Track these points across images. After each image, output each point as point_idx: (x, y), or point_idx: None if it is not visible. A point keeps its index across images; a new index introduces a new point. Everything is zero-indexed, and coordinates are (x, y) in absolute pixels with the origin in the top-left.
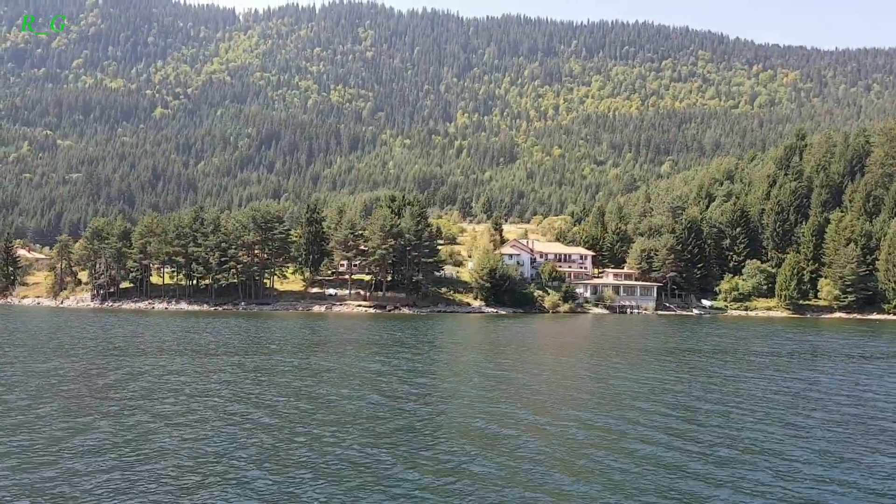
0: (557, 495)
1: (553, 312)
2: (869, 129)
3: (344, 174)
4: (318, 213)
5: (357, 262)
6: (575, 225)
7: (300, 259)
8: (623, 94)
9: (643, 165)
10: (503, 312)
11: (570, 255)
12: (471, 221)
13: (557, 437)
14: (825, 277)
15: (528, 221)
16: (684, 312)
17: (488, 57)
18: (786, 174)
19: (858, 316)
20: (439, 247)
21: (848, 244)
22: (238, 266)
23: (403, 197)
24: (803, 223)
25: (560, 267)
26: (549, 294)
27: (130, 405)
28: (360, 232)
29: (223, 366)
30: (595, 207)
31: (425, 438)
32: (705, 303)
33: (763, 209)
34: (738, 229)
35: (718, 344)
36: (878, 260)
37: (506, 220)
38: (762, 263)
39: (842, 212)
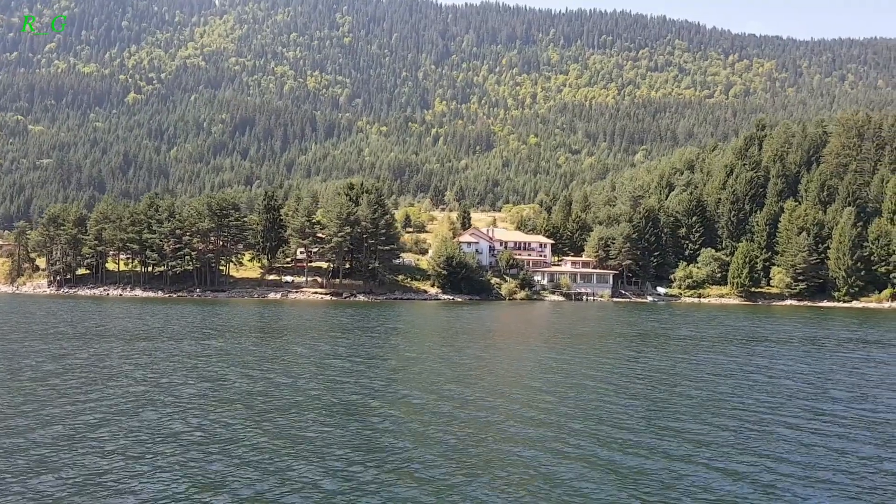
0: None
1: (510, 300)
2: (827, 119)
3: (319, 161)
4: (275, 200)
5: (315, 250)
6: (543, 213)
7: (257, 246)
8: (600, 83)
9: (617, 154)
10: (459, 300)
11: (529, 244)
12: (443, 209)
13: (470, 420)
14: (777, 265)
15: (500, 210)
16: (639, 299)
17: (467, 44)
18: (743, 164)
19: (809, 303)
20: (407, 234)
21: (800, 233)
22: (193, 253)
23: (362, 184)
24: (758, 212)
25: (519, 255)
26: (506, 282)
27: (45, 392)
28: (317, 219)
29: (132, 352)
30: (562, 196)
31: (345, 420)
32: (660, 290)
33: (720, 198)
34: (694, 218)
35: (645, 328)
36: (829, 249)
37: (478, 209)
38: (717, 252)
39: (797, 201)
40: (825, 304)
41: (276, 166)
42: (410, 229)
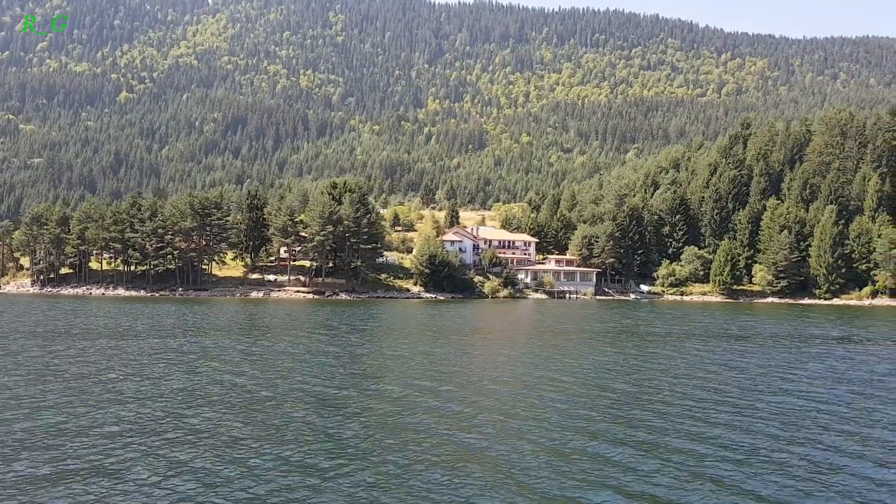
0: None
1: (492, 298)
2: (811, 117)
3: (311, 160)
4: (259, 199)
5: (298, 249)
6: (531, 212)
7: (241, 245)
8: (593, 81)
9: (609, 153)
10: (441, 298)
11: (513, 242)
12: (433, 208)
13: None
14: (759, 263)
15: (490, 209)
16: (622, 297)
17: (460, 43)
18: (727, 163)
19: (791, 301)
20: (395, 233)
21: (781, 231)
22: (175, 252)
23: (345, 184)
24: (741, 210)
25: (504, 253)
26: (489, 280)
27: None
28: (300, 218)
29: (91, 349)
30: (550, 195)
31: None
32: (643, 288)
33: (703, 197)
34: (677, 216)
35: (617, 325)
36: (810, 246)
37: (468, 207)
38: (700, 250)
39: (780, 200)
40: (806, 301)
41: (267, 165)
42: (399, 228)
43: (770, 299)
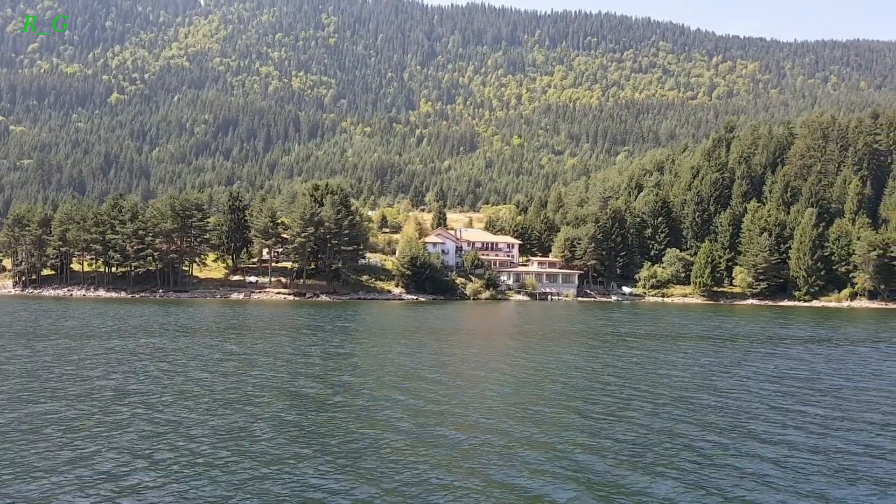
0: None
1: (474, 299)
2: (793, 121)
3: (302, 162)
4: (240, 200)
5: (280, 250)
6: (520, 214)
7: (222, 247)
8: (585, 84)
9: (599, 156)
10: (423, 299)
11: (497, 244)
12: (422, 210)
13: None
14: (740, 265)
15: (479, 211)
16: (604, 299)
17: (452, 45)
18: (710, 165)
19: (770, 303)
20: (382, 235)
21: (762, 233)
22: (155, 254)
23: (327, 185)
24: (723, 213)
25: (486, 255)
26: (471, 281)
27: None
28: (281, 220)
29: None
30: (537, 197)
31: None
32: (625, 290)
33: (685, 199)
34: (659, 219)
35: (590, 326)
36: (790, 249)
37: (457, 209)
38: (682, 252)
39: (761, 202)
40: (786, 303)
41: (258, 167)
42: (387, 230)
43: (750, 301)
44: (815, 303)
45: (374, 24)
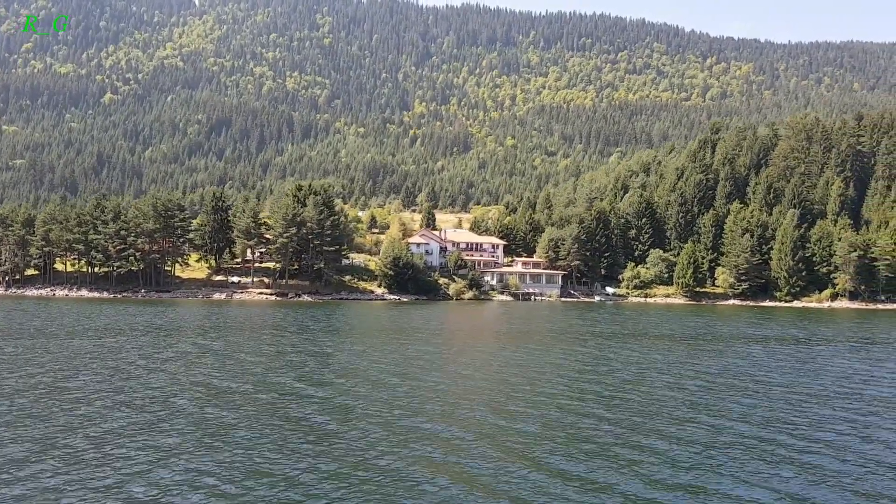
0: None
1: (457, 300)
2: (778, 122)
3: (294, 162)
4: (223, 200)
5: (263, 251)
6: (509, 215)
7: (205, 247)
8: (579, 85)
9: (592, 157)
10: (405, 300)
11: (481, 245)
12: (413, 211)
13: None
14: (722, 266)
15: (469, 211)
16: (587, 299)
17: (447, 46)
18: (694, 167)
19: (752, 303)
20: (370, 235)
21: (744, 234)
22: (137, 254)
23: (310, 186)
24: (706, 214)
25: (471, 255)
26: (455, 282)
27: None
28: (263, 220)
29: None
30: (525, 198)
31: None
32: (608, 290)
33: (669, 200)
34: (644, 220)
35: (565, 326)
36: (772, 249)
37: (448, 210)
38: (665, 253)
39: (745, 204)
40: (767, 303)
41: (250, 167)
42: (376, 230)
43: (731, 301)
44: (795, 303)
45: (368, 24)
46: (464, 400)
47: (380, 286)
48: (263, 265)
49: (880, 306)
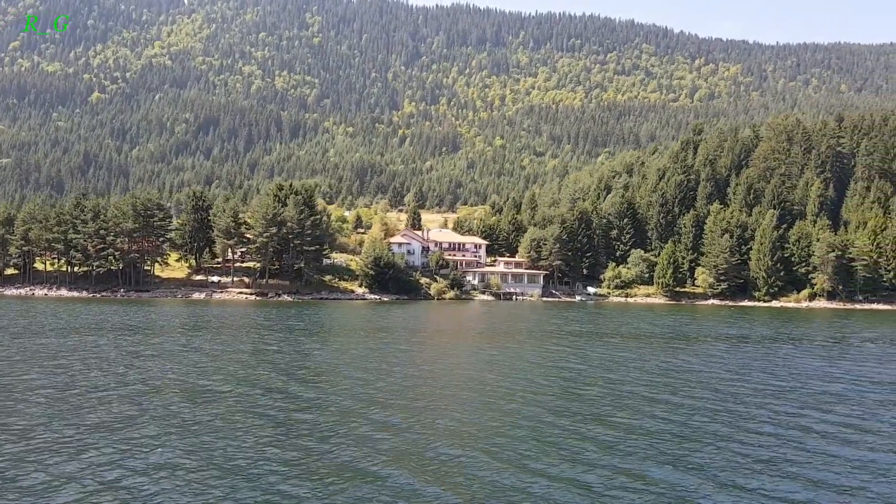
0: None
1: (438, 300)
2: (759, 123)
3: (283, 161)
4: (203, 199)
5: (243, 250)
6: (494, 215)
7: (185, 247)
8: (568, 85)
9: (580, 157)
10: (386, 299)
11: (463, 245)
12: (400, 211)
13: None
14: (702, 266)
15: (456, 211)
16: (568, 299)
17: (437, 46)
18: (676, 167)
19: (731, 303)
20: (356, 235)
21: (724, 235)
22: (116, 253)
23: (291, 185)
24: (687, 214)
25: (453, 255)
26: (436, 282)
27: None
28: (243, 220)
29: None
30: (510, 198)
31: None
32: (590, 290)
33: (650, 201)
34: (625, 220)
35: (540, 325)
36: (751, 250)
37: (435, 210)
38: (646, 253)
39: (726, 204)
40: (746, 303)
41: (238, 166)
42: (361, 230)
43: (711, 301)
44: (774, 303)
45: (358, 24)
46: (432, 395)
47: (361, 286)
48: (244, 265)
49: (857, 306)
